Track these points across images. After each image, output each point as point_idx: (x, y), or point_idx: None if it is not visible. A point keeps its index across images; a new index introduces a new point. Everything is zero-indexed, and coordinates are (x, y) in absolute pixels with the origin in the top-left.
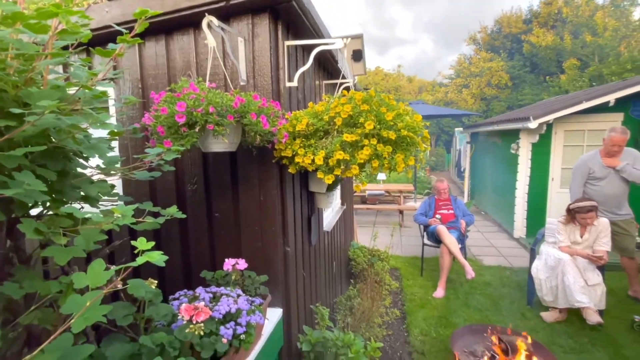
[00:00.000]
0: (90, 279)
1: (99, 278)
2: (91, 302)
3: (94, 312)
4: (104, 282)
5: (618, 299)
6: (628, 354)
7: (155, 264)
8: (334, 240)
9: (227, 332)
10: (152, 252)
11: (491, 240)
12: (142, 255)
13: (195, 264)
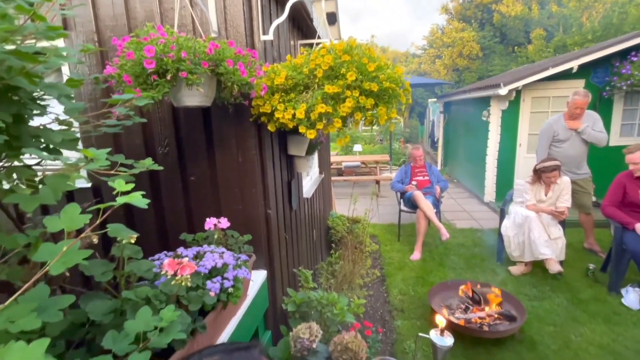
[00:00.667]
0: (65, 222)
1: (75, 221)
2: (69, 247)
3: (73, 255)
4: (81, 225)
5: (575, 251)
6: (583, 297)
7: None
8: (314, 208)
9: (215, 286)
10: (133, 193)
11: (463, 205)
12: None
13: (171, 231)
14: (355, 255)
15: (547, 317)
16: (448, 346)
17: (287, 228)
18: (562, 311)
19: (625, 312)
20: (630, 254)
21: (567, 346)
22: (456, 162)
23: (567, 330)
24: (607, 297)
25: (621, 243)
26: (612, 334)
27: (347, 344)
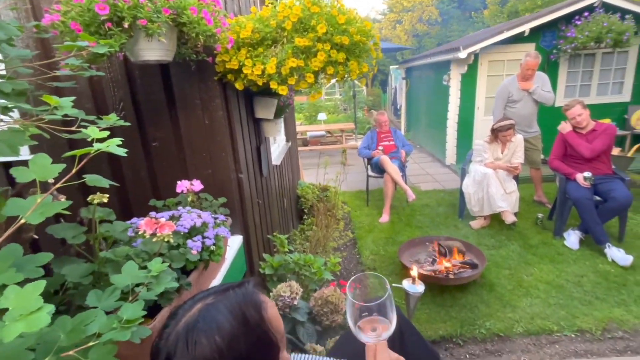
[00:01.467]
0: (37, 172)
1: (48, 170)
2: (43, 199)
3: (50, 206)
4: (55, 174)
5: (527, 203)
6: (533, 243)
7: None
8: (283, 176)
9: (196, 245)
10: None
11: (426, 169)
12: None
13: (135, 202)
14: (327, 219)
15: (503, 263)
16: (420, 293)
17: (259, 194)
18: (515, 256)
19: (567, 253)
20: (571, 201)
21: (520, 285)
22: (419, 128)
23: (520, 272)
24: (553, 241)
25: (564, 192)
26: (556, 271)
27: (327, 297)
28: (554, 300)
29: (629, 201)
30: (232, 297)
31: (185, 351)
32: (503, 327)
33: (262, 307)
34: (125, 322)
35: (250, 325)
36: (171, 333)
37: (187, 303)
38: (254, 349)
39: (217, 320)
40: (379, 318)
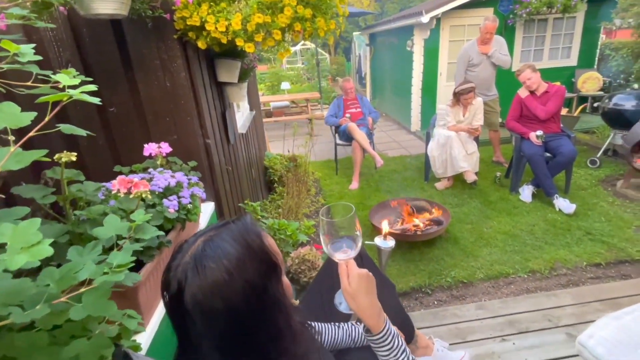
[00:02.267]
0: (6, 120)
1: (18, 118)
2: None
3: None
4: (27, 122)
5: (486, 164)
6: (492, 199)
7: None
8: (250, 145)
9: (172, 203)
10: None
11: (393, 136)
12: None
13: (94, 173)
14: (298, 187)
15: (465, 218)
16: (391, 247)
17: (227, 161)
18: (476, 212)
19: (521, 206)
20: (526, 159)
21: (481, 237)
22: (384, 96)
23: (480, 225)
24: (509, 197)
25: (519, 150)
26: (512, 222)
27: (304, 256)
28: (510, 247)
29: (574, 155)
30: (233, 228)
31: (196, 276)
32: (466, 275)
33: (262, 235)
34: (116, 267)
35: (254, 250)
36: (179, 264)
37: (189, 239)
38: (260, 271)
39: (222, 247)
40: (346, 243)
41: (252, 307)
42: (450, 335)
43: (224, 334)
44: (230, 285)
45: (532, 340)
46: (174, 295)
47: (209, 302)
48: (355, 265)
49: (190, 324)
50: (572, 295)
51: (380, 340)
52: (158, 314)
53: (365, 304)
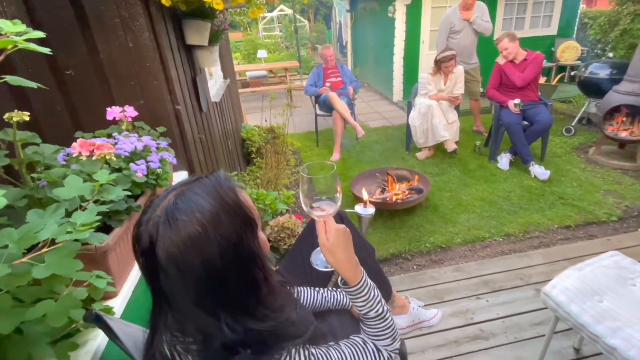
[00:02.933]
0: None
1: None
2: None
3: None
4: None
5: (466, 133)
6: (471, 167)
7: None
8: (225, 116)
9: (140, 168)
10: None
11: (374, 107)
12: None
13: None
14: (277, 158)
15: (445, 187)
16: (371, 214)
17: (200, 130)
18: (456, 180)
19: (499, 174)
20: (504, 127)
21: (459, 204)
22: (366, 65)
23: (459, 193)
24: (488, 165)
25: (498, 119)
26: (490, 189)
27: (283, 223)
28: (487, 213)
29: (550, 123)
30: (206, 182)
31: (168, 230)
32: (445, 240)
33: (235, 189)
34: (80, 226)
35: (228, 204)
36: (150, 218)
37: (160, 194)
38: (235, 225)
39: (194, 201)
40: (325, 202)
41: (228, 261)
42: (429, 296)
43: (200, 288)
44: (205, 239)
45: (504, 297)
46: (146, 250)
47: (183, 256)
48: (333, 221)
49: (165, 278)
50: (542, 255)
51: (357, 292)
52: (132, 280)
53: (343, 257)
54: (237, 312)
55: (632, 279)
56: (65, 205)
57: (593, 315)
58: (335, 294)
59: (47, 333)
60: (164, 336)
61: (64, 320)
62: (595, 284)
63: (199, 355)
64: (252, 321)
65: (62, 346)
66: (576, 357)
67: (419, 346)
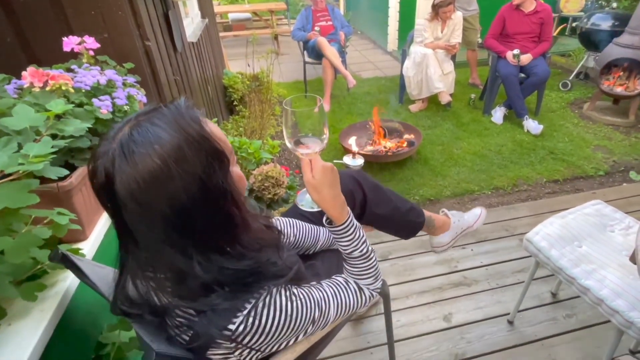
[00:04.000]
0: None
1: None
2: None
3: None
4: None
5: (462, 86)
6: (464, 121)
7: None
8: (203, 59)
9: (104, 104)
10: None
11: (368, 56)
12: None
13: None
14: (262, 107)
15: (437, 140)
16: (359, 165)
17: (175, 71)
18: (448, 134)
19: (492, 128)
20: (501, 79)
21: (451, 158)
22: (359, 10)
23: (451, 147)
24: (482, 119)
25: (495, 70)
26: (482, 143)
27: (267, 172)
28: (477, 167)
29: (547, 75)
30: (165, 112)
31: (125, 164)
32: (434, 193)
33: (199, 119)
34: (33, 158)
35: (192, 136)
36: (106, 152)
37: (116, 125)
38: (200, 159)
39: (152, 132)
40: (311, 140)
41: (194, 197)
42: (415, 246)
43: (166, 225)
44: (166, 173)
45: (489, 247)
46: (103, 185)
47: (143, 191)
48: (319, 159)
49: (127, 215)
50: (529, 207)
51: (342, 231)
52: (102, 224)
53: (329, 196)
54: (210, 251)
55: (612, 225)
56: (18, 139)
57: (571, 259)
58: (324, 231)
59: (10, 273)
60: (136, 275)
61: (23, 257)
62: (577, 231)
63: (173, 293)
64: (227, 260)
65: (29, 287)
66: (552, 301)
67: (402, 292)
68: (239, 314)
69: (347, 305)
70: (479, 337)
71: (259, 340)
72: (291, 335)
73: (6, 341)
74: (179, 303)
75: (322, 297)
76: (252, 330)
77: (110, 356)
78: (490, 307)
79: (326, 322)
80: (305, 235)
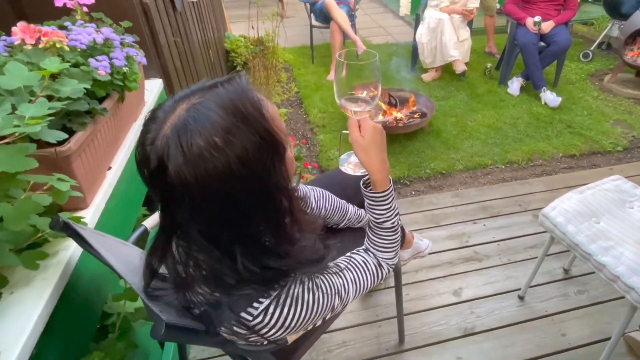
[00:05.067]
0: None
1: None
2: None
3: None
4: None
5: (477, 55)
6: (479, 92)
7: None
8: (204, 20)
9: (102, 64)
10: None
11: (378, 21)
12: None
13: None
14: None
15: (450, 111)
16: None
17: (174, 32)
18: (462, 105)
19: (508, 99)
20: (519, 47)
21: (464, 130)
22: None
23: (465, 118)
24: (498, 90)
25: (514, 39)
26: (497, 115)
27: None
28: (491, 140)
29: (568, 44)
30: (222, 93)
31: (180, 154)
32: (445, 166)
33: (260, 104)
34: (29, 119)
35: (250, 122)
36: (157, 137)
37: (166, 104)
38: (263, 157)
39: (210, 119)
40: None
41: (251, 196)
42: (425, 221)
43: (215, 219)
44: (225, 170)
45: (501, 222)
46: (155, 174)
47: (199, 187)
48: (369, 120)
49: (178, 209)
50: (544, 183)
51: (382, 199)
52: (104, 191)
53: (378, 158)
54: (256, 249)
55: (631, 201)
56: (12, 101)
57: (588, 235)
58: (356, 210)
59: (10, 240)
60: (171, 263)
61: (23, 224)
62: (595, 207)
63: (206, 283)
64: (272, 259)
65: (30, 255)
66: (564, 277)
67: (412, 266)
68: (260, 302)
69: (366, 285)
70: (488, 311)
71: (276, 333)
72: (309, 324)
73: (9, 310)
74: (208, 290)
75: (342, 284)
76: (272, 322)
77: (116, 326)
78: (501, 282)
79: (345, 306)
80: (335, 209)
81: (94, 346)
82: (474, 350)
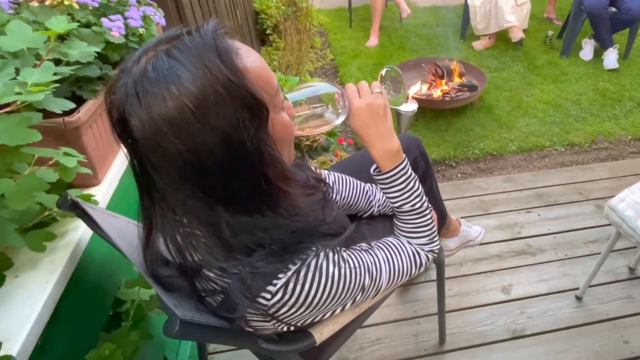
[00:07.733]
0: None
1: None
2: None
3: None
4: None
5: (537, 20)
6: (538, 63)
7: None
8: None
9: (115, 24)
10: None
11: None
12: None
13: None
14: (299, 38)
15: (504, 85)
16: (412, 111)
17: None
18: (518, 78)
19: (571, 73)
20: (586, 13)
21: (519, 106)
22: None
23: (520, 93)
24: (559, 61)
25: (580, 4)
26: (557, 90)
27: None
28: (550, 119)
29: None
30: (188, 42)
31: (137, 104)
32: (497, 147)
33: (231, 54)
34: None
35: (218, 78)
36: (122, 86)
37: (135, 53)
38: (229, 111)
39: (170, 67)
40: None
41: (215, 156)
42: (472, 208)
43: (186, 179)
44: (183, 123)
45: (559, 212)
46: (118, 124)
47: (158, 140)
48: (367, 87)
49: (146, 162)
50: (609, 169)
51: (390, 180)
52: (117, 167)
53: (373, 132)
54: (238, 213)
55: None
56: (15, 64)
57: None
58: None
59: (14, 219)
60: (164, 229)
61: (27, 202)
62: None
63: (207, 250)
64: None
65: (36, 235)
66: (629, 277)
67: (456, 258)
68: (279, 279)
69: (400, 270)
70: (541, 312)
71: (297, 313)
72: (337, 305)
73: (12, 295)
74: (213, 263)
75: (372, 262)
76: (292, 299)
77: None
78: (557, 280)
79: (377, 290)
80: (357, 194)
81: (105, 336)
82: (523, 355)
